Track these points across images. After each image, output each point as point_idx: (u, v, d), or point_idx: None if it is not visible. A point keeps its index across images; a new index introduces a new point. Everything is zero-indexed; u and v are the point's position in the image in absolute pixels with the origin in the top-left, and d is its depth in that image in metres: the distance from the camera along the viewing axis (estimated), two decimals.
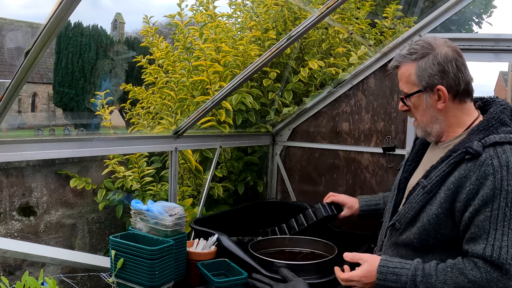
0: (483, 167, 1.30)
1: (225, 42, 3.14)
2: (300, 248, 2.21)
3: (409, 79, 1.47)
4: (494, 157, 1.30)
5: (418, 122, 1.53)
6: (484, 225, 1.28)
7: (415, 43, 1.48)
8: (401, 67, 1.50)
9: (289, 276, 1.64)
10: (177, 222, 1.82)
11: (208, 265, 1.81)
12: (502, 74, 24.92)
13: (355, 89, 2.86)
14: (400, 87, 1.51)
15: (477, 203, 1.30)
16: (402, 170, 1.68)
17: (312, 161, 3.02)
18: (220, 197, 2.99)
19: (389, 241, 1.56)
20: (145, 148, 2.48)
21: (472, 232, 1.32)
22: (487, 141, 1.33)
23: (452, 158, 1.38)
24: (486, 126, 1.39)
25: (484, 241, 1.28)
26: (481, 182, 1.29)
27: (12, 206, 2.89)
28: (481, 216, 1.29)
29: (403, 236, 1.49)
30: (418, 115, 1.50)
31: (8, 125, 6.52)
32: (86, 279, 3.11)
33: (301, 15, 3.27)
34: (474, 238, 1.31)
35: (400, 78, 1.51)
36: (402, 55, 1.49)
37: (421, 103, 1.47)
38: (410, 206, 1.46)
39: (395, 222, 1.51)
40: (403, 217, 1.48)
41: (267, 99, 3.15)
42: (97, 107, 3.19)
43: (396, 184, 1.68)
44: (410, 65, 1.46)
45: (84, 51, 18.68)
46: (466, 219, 1.33)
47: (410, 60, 1.46)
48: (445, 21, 2.56)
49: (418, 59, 1.45)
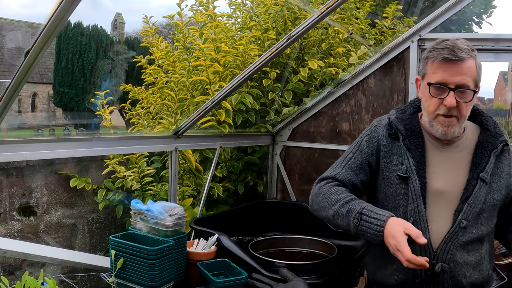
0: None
1: (224, 42, 3.14)
2: (300, 248, 2.22)
3: (474, 73, 1.50)
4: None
5: (459, 119, 1.52)
6: None
7: (466, 40, 1.53)
8: (469, 60, 1.49)
9: (289, 276, 1.64)
10: (177, 222, 1.82)
11: (208, 265, 1.81)
12: (502, 74, 24.91)
13: (355, 89, 2.87)
14: (463, 80, 1.47)
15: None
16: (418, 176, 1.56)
17: (312, 161, 3.02)
18: (220, 197, 2.99)
19: (454, 244, 1.52)
20: (145, 148, 2.48)
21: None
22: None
23: (497, 151, 1.58)
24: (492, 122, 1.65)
25: None
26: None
27: (12, 206, 2.89)
28: None
29: (472, 232, 1.54)
30: (466, 111, 1.53)
31: (8, 125, 6.51)
32: (86, 279, 3.11)
33: (301, 15, 3.27)
34: None
35: (466, 72, 1.48)
36: (468, 49, 1.49)
37: (474, 99, 1.54)
38: (476, 200, 1.53)
39: (463, 221, 1.52)
40: (470, 213, 1.53)
41: (267, 99, 3.15)
42: (97, 107, 3.19)
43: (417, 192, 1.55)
44: (474, 61, 1.51)
45: (84, 51, 18.66)
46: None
47: (475, 56, 1.51)
48: (445, 21, 2.56)
49: (477, 57, 1.53)
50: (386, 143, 1.65)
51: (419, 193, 1.55)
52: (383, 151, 1.65)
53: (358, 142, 1.75)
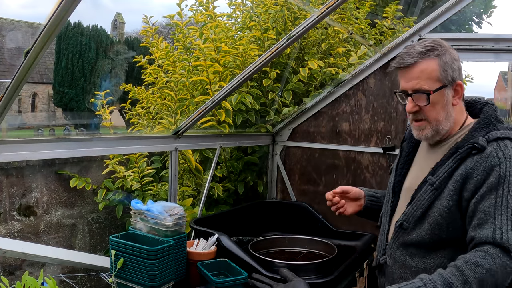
0: (489, 158, 1.39)
1: (224, 42, 3.14)
2: (300, 248, 2.22)
3: (432, 75, 1.45)
4: (498, 150, 1.39)
5: (430, 122, 1.49)
6: (490, 211, 1.34)
7: (428, 42, 1.49)
8: (419, 63, 1.46)
9: (289, 276, 1.64)
10: (177, 222, 1.82)
11: (208, 265, 1.81)
12: (502, 74, 24.92)
13: (355, 89, 2.87)
14: (417, 84, 1.45)
15: (483, 190, 1.37)
16: (395, 174, 1.69)
17: (312, 161, 3.02)
18: (220, 197, 2.99)
19: (395, 243, 1.56)
20: (145, 148, 2.48)
21: (479, 218, 1.36)
22: (490, 137, 1.43)
23: (459, 154, 1.44)
24: (486, 124, 1.48)
25: (492, 225, 1.32)
26: (488, 172, 1.37)
27: (12, 206, 2.89)
28: (486, 202, 1.36)
29: (412, 235, 1.50)
30: (433, 113, 1.48)
31: (8, 125, 6.52)
32: (86, 279, 3.11)
33: (301, 15, 3.27)
34: (481, 224, 1.35)
35: (419, 75, 1.46)
36: (420, 51, 1.46)
37: (440, 100, 1.47)
38: (418, 203, 1.48)
39: (403, 222, 1.52)
40: (411, 215, 1.50)
41: (267, 99, 3.15)
42: (97, 107, 3.19)
43: (390, 187, 1.68)
44: (432, 61, 1.46)
45: (84, 51, 18.67)
46: (472, 205, 1.38)
47: (432, 56, 1.46)
48: (445, 21, 2.56)
49: (441, 55, 1.46)
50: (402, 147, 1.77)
51: (391, 189, 1.67)
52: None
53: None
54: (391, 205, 1.65)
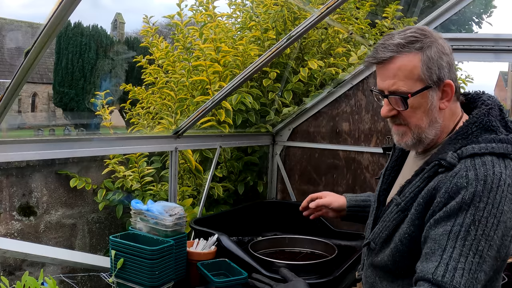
0: (455, 178, 1.11)
1: (224, 42, 3.14)
2: (300, 248, 2.22)
3: (412, 73, 1.17)
4: (470, 168, 1.10)
5: (411, 128, 1.22)
6: (441, 240, 1.08)
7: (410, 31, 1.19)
8: (396, 59, 1.17)
9: (289, 276, 1.64)
10: (177, 222, 1.82)
11: (208, 265, 1.82)
12: (502, 74, 24.92)
13: (355, 89, 2.86)
14: (393, 85, 1.18)
15: (440, 214, 1.10)
16: (381, 181, 1.46)
17: (312, 161, 3.02)
18: (220, 197, 2.99)
19: (367, 261, 1.38)
20: (145, 148, 2.48)
21: (428, 247, 1.10)
22: (464, 152, 1.14)
23: (426, 171, 1.19)
24: (465, 134, 1.18)
25: (438, 259, 1.06)
26: (451, 195, 1.10)
27: (12, 206, 2.89)
28: (439, 229, 1.09)
29: (378, 257, 1.30)
30: (414, 119, 1.21)
31: (8, 125, 6.51)
32: (86, 279, 3.11)
33: (300, 15, 3.27)
34: (427, 254, 1.10)
35: (395, 73, 1.18)
36: (398, 44, 1.17)
37: (423, 103, 1.18)
38: (384, 225, 1.27)
39: (370, 242, 1.32)
40: (378, 236, 1.29)
41: (267, 99, 3.15)
42: (97, 107, 3.19)
43: (376, 196, 1.44)
44: (413, 56, 1.16)
45: (84, 51, 18.67)
46: (425, 231, 1.13)
47: (413, 49, 1.17)
48: (445, 21, 2.56)
49: (425, 48, 1.17)
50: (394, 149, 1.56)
51: (376, 197, 1.44)
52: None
53: None
54: (374, 216, 1.41)
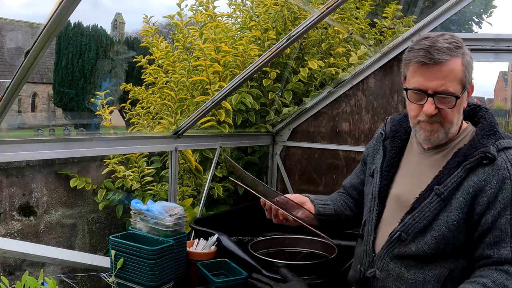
0: (501, 171, 1.31)
1: (224, 42, 3.14)
2: (300, 248, 2.21)
3: (458, 75, 1.30)
4: (507, 161, 1.32)
5: (444, 125, 1.35)
6: (507, 228, 1.29)
7: (449, 36, 1.32)
8: (449, 62, 1.28)
9: (289, 276, 1.64)
10: (177, 222, 1.82)
11: (208, 265, 1.81)
12: (502, 74, 24.94)
13: (355, 89, 2.87)
14: (442, 86, 1.29)
15: (499, 206, 1.29)
16: (381, 177, 1.52)
17: (312, 161, 3.02)
18: (220, 197, 2.99)
19: (388, 254, 1.43)
20: (145, 148, 2.49)
21: (496, 236, 1.29)
22: (499, 146, 1.34)
23: (469, 163, 1.33)
24: (492, 131, 1.38)
25: (509, 244, 1.28)
26: (500, 185, 1.30)
27: (12, 206, 2.89)
28: (502, 219, 1.29)
29: (410, 248, 1.38)
30: (450, 117, 1.33)
31: (8, 125, 6.52)
32: (86, 279, 3.11)
33: (301, 15, 3.27)
34: (498, 242, 1.29)
35: (447, 75, 1.28)
36: (449, 48, 1.28)
37: (461, 103, 1.34)
38: (422, 215, 1.36)
39: (401, 233, 1.38)
40: (412, 227, 1.37)
41: (267, 99, 3.15)
42: (97, 107, 3.19)
43: (375, 193, 1.51)
44: (459, 60, 1.30)
45: (84, 51, 18.66)
46: (489, 222, 1.30)
47: (459, 54, 1.30)
48: (445, 21, 2.56)
49: (465, 54, 1.32)
50: (376, 143, 1.63)
51: (376, 194, 1.51)
52: (371, 150, 1.65)
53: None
54: (377, 213, 1.50)
